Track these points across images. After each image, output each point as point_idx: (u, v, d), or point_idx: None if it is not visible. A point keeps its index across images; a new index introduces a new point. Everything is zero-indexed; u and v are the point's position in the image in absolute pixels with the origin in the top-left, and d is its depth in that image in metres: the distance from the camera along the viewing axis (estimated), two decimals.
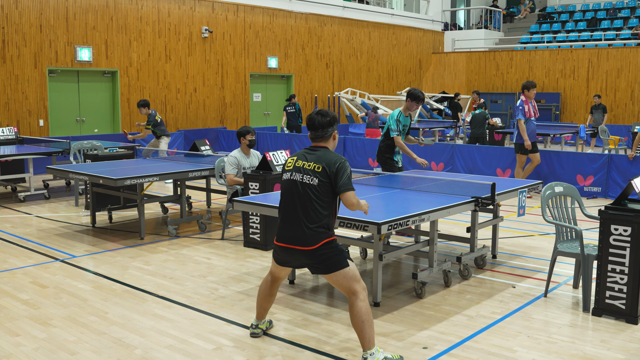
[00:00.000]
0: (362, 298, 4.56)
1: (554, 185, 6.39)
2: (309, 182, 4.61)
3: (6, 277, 6.88)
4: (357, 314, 4.53)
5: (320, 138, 4.80)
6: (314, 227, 4.56)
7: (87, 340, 5.15)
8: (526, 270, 7.20)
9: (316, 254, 4.58)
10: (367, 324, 4.53)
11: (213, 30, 19.70)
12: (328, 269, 4.61)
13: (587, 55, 24.62)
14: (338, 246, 4.65)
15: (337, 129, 4.88)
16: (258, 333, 5.21)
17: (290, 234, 4.64)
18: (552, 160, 12.36)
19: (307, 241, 4.56)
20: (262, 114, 22.07)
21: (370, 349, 4.54)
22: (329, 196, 4.62)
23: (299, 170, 4.68)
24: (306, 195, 4.60)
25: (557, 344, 5.09)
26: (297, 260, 4.72)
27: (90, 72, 17.22)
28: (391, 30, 26.56)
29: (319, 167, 4.61)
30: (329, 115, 4.80)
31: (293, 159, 4.78)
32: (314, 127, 4.79)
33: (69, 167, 9.30)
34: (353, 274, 4.62)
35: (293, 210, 4.64)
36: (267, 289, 5.10)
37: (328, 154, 4.70)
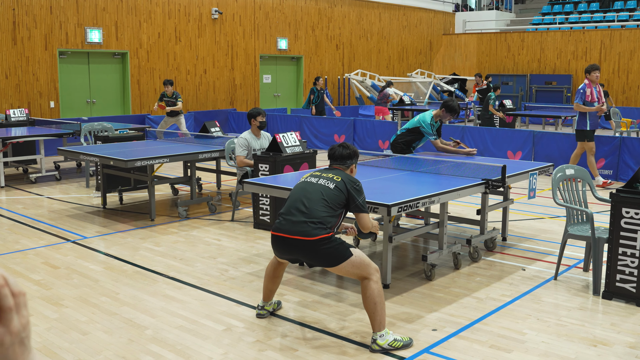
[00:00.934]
0: (375, 280, 4.58)
1: (564, 167, 6.36)
2: (324, 184, 4.75)
3: (18, 258, 6.93)
4: (370, 296, 4.54)
5: (338, 165, 5.02)
6: (313, 222, 4.59)
7: (99, 321, 5.19)
8: (536, 252, 7.19)
9: (316, 247, 4.57)
10: (379, 306, 4.55)
11: (223, 11, 19.63)
12: (333, 263, 4.61)
13: (600, 36, 24.39)
14: (337, 239, 4.66)
15: (356, 164, 5.09)
16: (264, 314, 5.24)
17: (289, 226, 4.65)
18: (563, 143, 12.29)
19: (307, 233, 4.57)
20: (272, 96, 22.04)
21: (380, 330, 4.57)
22: (339, 204, 4.73)
23: (316, 177, 4.86)
24: (317, 192, 4.71)
25: (567, 326, 5.09)
26: (295, 252, 4.71)
27: (101, 53, 17.22)
28: (402, 11, 26.38)
29: (339, 178, 4.78)
30: (349, 149, 5.01)
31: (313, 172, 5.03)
32: (334, 157, 5.01)
33: (79, 149, 9.33)
34: (361, 260, 4.61)
35: (298, 205, 4.70)
36: (272, 271, 5.12)
37: (346, 174, 4.90)
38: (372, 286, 4.55)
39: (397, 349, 4.60)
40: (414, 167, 7.37)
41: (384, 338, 4.56)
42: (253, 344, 4.76)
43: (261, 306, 5.25)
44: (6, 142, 11.35)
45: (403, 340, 4.65)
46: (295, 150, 8.28)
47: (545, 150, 12.46)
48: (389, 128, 15.27)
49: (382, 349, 4.56)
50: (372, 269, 4.61)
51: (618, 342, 4.80)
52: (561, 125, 17.87)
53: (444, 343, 4.77)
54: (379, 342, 4.56)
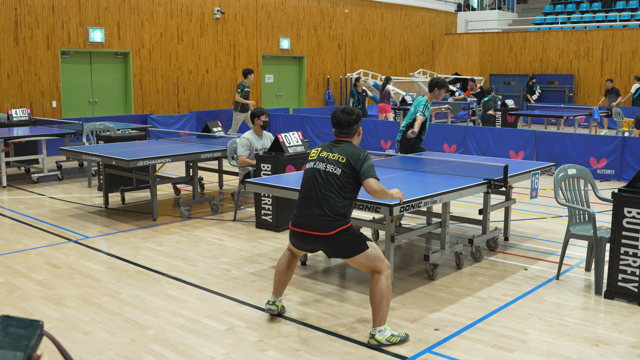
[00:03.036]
0: (386, 275, 4.65)
1: (567, 167, 6.35)
2: (332, 171, 4.70)
3: (20, 258, 6.94)
4: (379, 290, 4.60)
5: (345, 134, 4.91)
6: (332, 215, 4.61)
7: (101, 321, 5.20)
8: (538, 252, 7.19)
9: (334, 240, 4.62)
10: (385, 302, 4.61)
11: (225, 11, 19.63)
12: (349, 254, 4.66)
13: (602, 36, 24.36)
14: (355, 231, 4.70)
15: (361, 126, 4.98)
16: (274, 310, 5.22)
17: (306, 220, 4.69)
18: (565, 143, 12.28)
19: (324, 228, 4.61)
20: (274, 96, 22.03)
21: (380, 325, 4.63)
22: (351, 187, 4.70)
23: (323, 160, 4.77)
24: (328, 183, 4.67)
25: (569, 326, 5.09)
26: (313, 245, 4.79)
27: (103, 53, 17.23)
28: (404, 11, 26.37)
29: (343, 159, 4.71)
30: (354, 114, 4.91)
31: (318, 149, 4.90)
32: (340, 125, 4.89)
33: (81, 149, 9.33)
34: (376, 254, 4.67)
35: (312, 197, 4.70)
36: (286, 264, 5.14)
37: (352, 147, 4.81)
38: (382, 280, 4.61)
39: (394, 344, 4.66)
40: (416, 166, 7.37)
41: (382, 333, 4.63)
42: (255, 343, 4.76)
43: (272, 301, 5.23)
44: (8, 141, 11.36)
45: (400, 336, 4.71)
46: (298, 150, 8.28)
47: (547, 150, 12.45)
48: (391, 128, 15.26)
49: (380, 344, 4.63)
50: (384, 264, 4.68)
51: (620, 341, 4.79)
52: (563, 125, 17.86)
53: (446, 343, 4.77)
54: (377, 337, 4.62)
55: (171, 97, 18.63)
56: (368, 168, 4.68)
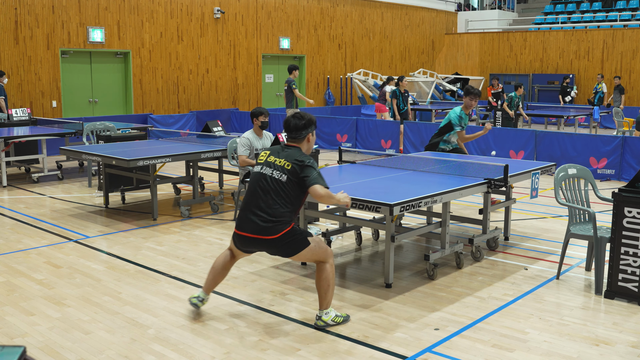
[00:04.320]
0: (330, 263, 4.92)
1: (567, 167, 6.35)
2: (277, 177, 4.79)
3: (21, 257, 6.94)
4: (325, 277, 4.88)
5: (293, 139, 4.97)
6: (274, 220, 4.73)
7: (101, 320, 5.20)
8: (538, 252, 7.19)
9: (278, 243, 4.79)
10: (331, 288, 4.93)
11: (225, 10, 19.63)
12: (292, 253, 4.88)
13: (602, 36, 24.37)
14: (297, 229, 4.85)
15: (313, 132, 5.02)
16: (200, 306, 5.30)
17: (251, 225, 4.79)
18: (565, 142, 12.28)
19: (268, 232, 4.74)
20: (275, 95, 22.03)
21: (326, 308, 4.95)
22: (295, 194, 4.81)
23: (270, 165, 4.87)
24: (272, 189, 4.77)
25: (569, 326, 5.09)
26: (257, 248, 4.94)
27: (103, 53, 17.23)
28: (404, 10, 26.37)
29: (289, 165, 4.79)
30: (304, 119, 4.96)
31: (266, 153, 4.99)
32: (289, 129, 4.98)
33: (82, 148, 9.33)
34: (318, 246, 4.88)
35: (257, 202, 4.80)
36: (223, 264, 5.21)
37: (299, 153, 4.89)
38: (327, 268, 4.89)
39: (338, 323, 5.00)
40: (417, 166, 7.37)
41: (328, 315, 4.95)
42: (255, 343, 4.76)
43: (201, 298, 5.28)
44: (8, 141, 11.36)
45: (342, 316, 5.06)
46: None
47: (547, 150, 12.45)
48: (392, 127, 15.26)
49: (326, 324, 4.95)
50: (327, 253, 4.92)
51: (620, 341, 4.79)
52: (563, 124, 17.86)
53: (446, 342, 4.77)
54: (324, 319, 4.94)
55: (171, 96, 18.63)
56: (313, 175, 4.75)
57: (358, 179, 6.61)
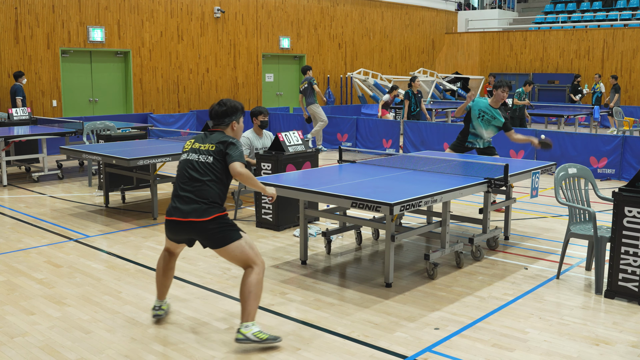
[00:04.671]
0: (257, 271, 4.62)
1: (567, 166, 6.35)
2: (204, 160, 4.69)
3: (21, 257, 6.94)
4: (248, 285, 4.57)
5: (217, 126, 4.87)
6: (205, 202, 4.60)
7: (101, 319, 5.20)
8: (538, 252, 7.19)
9: (207, 227, 4.59)
10: (253, 297, 4.57)
11: (225, 10, 19.63)
12: (219, 243, 4.62)
13: (602, 35, 24.36)
14: (229, 220, 4.68)
15: (238, 120, 4.89)
16: (161, 314, 5.15)
17: (181, 208, 4.66)
18: (565, 142, 12.28)
19: (199, 214, 4.59)
20: (275, 95, 22.04)
21: (247, 322, 4.58)
22: (222, 174, 4.68)
23: (195, 152, 4.77)
24: (200, 172, 4.66)
25: (569, 325, 5.09)
26: (187, 234, 4.74)
27: (103, 52, 17.23)
28: (404, 10, 26.37)
29: (213, 147, 4.70)
30: (226, 105, 4.84)
31: (191, 141, 4.87)
32: (211, 116, 4.88)
33: (82, 148, 9.33)
34: (249, 247, 4.66)
35: (187, 187, 4.68)
36: (164, 265, 5.09)
37: (222, 135, 4.79)
38: (253, 275, 4.59)
39: (262, 340, 4.58)
40: (417, 165, 7.37)
41: (248, 328, 4.57)
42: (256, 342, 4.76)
43: (158, 306, 5.16)
44: (9, 140, 11.36)
45: (268, 335, 4.64)
46: (298, 149, 8.28)
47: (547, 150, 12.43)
48: (392, 127, 15.26)
49: (245, 337, 4.56)
50: (259, 259, 4.67)
51: (620, 341, 4.80)
52: (564, 124, 17.86)
53: (447, 342, 4.77)
54: (242, 331, 4.57)
55: (171, 96, 18.63)
56: (235, 153, 4.66)
57: (358, 179, 6.61)
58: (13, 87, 14.29)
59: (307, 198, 6.08)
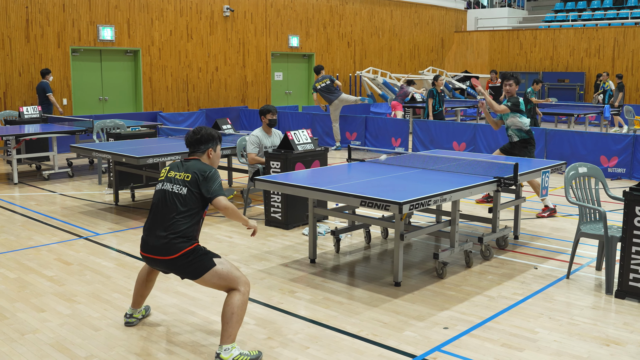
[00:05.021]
0: (242, 291, 4.43)
1: (577, 165, 6.33)
2: (177, 191, 4.50)
3: (31, 254, 6.97)
4: (230, 305, 4.38)
5: (192, 153, 4.74)
6: (173, 237, 4.43)
7: (111, 317, 5.22)
8: (548, 251, 7.16)
9: (177, 263, 4.45)
10: (235, 318, 4.37)
11: (234, 8, 19.65)
12: (194, 275, 4.46)
13: (613, 33, 24.23)
14: (200, 250, 4.49)
15: (214, 148, 4.77)
16: (133, 322, 5.04)
17: (152, 243, 4.51)
18: (575, 141, 12.23)
19: (167, 251, 4.43)
20: (284, 93, 22.04)
21: (227, 344, 4.37)
22: (196, 206, 4.52)
23: (170, 181, 4.59)
24: (172, 205, 4.49)
25: (579, 325, 5.07)
26: (161, 268, 4.63)
27: (113, 51, 17.28)
28: (413, 8, 26.31)
29: (189, 176, 4.53)
30: (200, 133, 4.71)
31: (166, 169, 4.70)
32: (187, 144, 4.76)
33: (92, 146, 9.37)
34: (228, 271, 4.46)
35: (157, 220, 4.51)
36: (146, 275, 4.97)
37: (199, 163, 4.64)
38: (235, 296, 4.39)
39: None
40: (426, 164, 7.36)
41: (228, 352, 4.34)
42: (265, 341, 4.77)
43: (130, 314, 5.05)
44: (19, 139, 11.41)
45: (250, 355, 4.42)
46: (307, 148, 8.28)
47: (557, 149, 12.40)
48: (401, 126, 15.24)
49: None
50: (240, 281, 4.47)
51: (631, 341, 4.77)
52: (574, 123, 17.78)
53: (456, 341, 4.77)
54: (222, 357, 4.34)
55: (181, 94, 18.66)
56: (217, 187, 4.52)
57: (367, 177, 6.61)
58: (40, 84, 14.50)
59: (316, 197, 6.08)
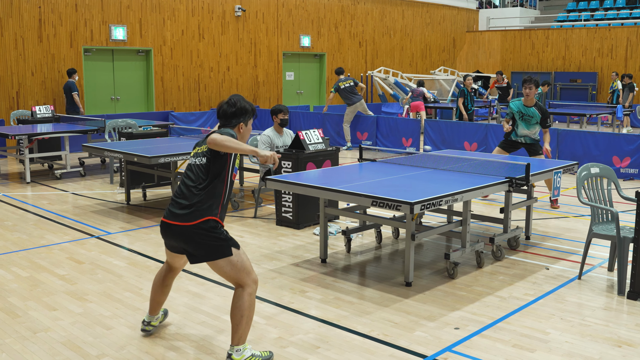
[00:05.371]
0: (249, 292, 4.31)
1: (589, 166, 6.30)
2: (198, 162, 4.35)
3: (44, 253, 7.01)
4: (239, 307, 4.27)
5: (223, 126, 4.49)
6: (194, 206, 4.25)
7: (122, 316, 5.24)
8: (560, 252, 7.13)
9: (194, 232, 4.24)
10: (245, 320, 4.29)
11: (246, 8, 19.68)
12: (208, 256, 4.29)
13: (626, 33, 24.08)
14: (223, 232, 4.32)
15: (246, 122, 4.53)
16: (150, 330, 4.88)
17: (172, 210, 4.36)
18: (587, 141, 12.17)
19: (188, 218, 4.25)
20: (295, 93, 22.06)
21: (238, 345, 4.31)
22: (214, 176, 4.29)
23: (194, 155, 4.44)
24: (195, 174, 4.33)
25: (591, 326, 5.04)
26: (175, 239, 4.39)
27: (125, 50, 17.35)
28: (425, 8, 26.26)
29: (205, 147, 4.37)
30: (235, 106, 4.47)
31: (196, 144, 4.54)
32: (219, 115, 4.51)
33: (104, 145, 9.41)
34: (241, 264, 4.32)
35: (182, 190, 4.36)
36: (162, 280, 4.79)
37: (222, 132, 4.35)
38: (244, 297, 4.29)
39: None
40: (437, 164, 7.34)
41: (240, 353, 4.30)
42: (275, 340, 4.78)
43: (147, 322, 4.87)
44: (32, 138, 11.48)
45: (262, 356, 4.40)
46: (318, 148, 8.28)
47: (569, 149, 12.34)
48: (412, 126, 15.21)
49: None
50: (250, 278, 4.34)
51: None
52: (586, 123, 17.70)
53: (467, 342, 4.75)
54: (234, 357, 4.29)
55: (192, 94, 18.72)
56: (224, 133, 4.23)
57: (378, 177, 6.60)
58: (67, 83, 14.74)
59: (327, 196, 6.08)
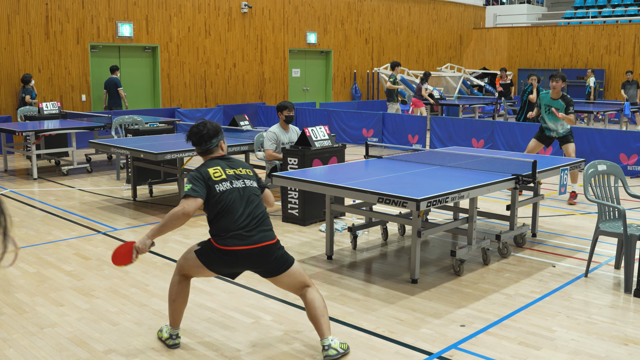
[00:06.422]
0: (315, 286, 4.52)
1: (597, 163, 6.28)
2: (251, 184, 4.43)
3: (51, 249, 7.04)
4: (319, 299, 4.45)
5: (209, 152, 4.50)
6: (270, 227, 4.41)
7: (129, 312, 5.25)
8: (566, 249, 7.11)
9: (275, 248, 4.37)
10: (326, 310, 4.48)
11: (252, 5, 19.67)
12: (284, 266, 4.40)
13: (634, 30, 23.98)
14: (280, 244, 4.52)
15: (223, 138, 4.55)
16: (179, 343, 4.66)
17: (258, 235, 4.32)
18: (595, 138, 12.13)
19: (269, 237, 4.36)
20: (301, 90, 22.05)
21: (330, 334, 4.44)
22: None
23: (236, 178, 4.40)
24: (256, 196, 4.42)
25: (597, 324, 5.03)
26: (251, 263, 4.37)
27: (131, 47, 17.37)
28: (431, 5, 26.21)
29: (250, 171, 4.51)
30: (206, 128, 4.44)
31: (217, 169, 4.38)
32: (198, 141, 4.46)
33: (110, 142, 9.43)
34: (301, 267, 4.55)
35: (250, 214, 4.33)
36: (182, 291, 4.58)
37: (235, 159, 4.57)
38: (318, 293, 4.48)
39: (345, 351, 4.45)
40: (444, 161, 7.33)
41: (334, 341, 4.41)
42: (281, 336, 4.78)
43: (175, 335, 4.65)
44: (39, 134, 11.51)
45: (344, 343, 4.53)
46: (324, 144, 8.28)
47: (576, 146, 12.27)
48: (418, 122, 15.20)
49: (338, 352, 4.38)
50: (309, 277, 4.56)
51: None
52: (593, 120, 17.63)
53: (473, 339, 4.75)
54: (333, 346, 4.38)
55: (198, 91, 18.73)
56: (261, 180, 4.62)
57: (384, 174, 6.60)
58: (112, 79, 15.52)
59: (334, 193, 6.08)
